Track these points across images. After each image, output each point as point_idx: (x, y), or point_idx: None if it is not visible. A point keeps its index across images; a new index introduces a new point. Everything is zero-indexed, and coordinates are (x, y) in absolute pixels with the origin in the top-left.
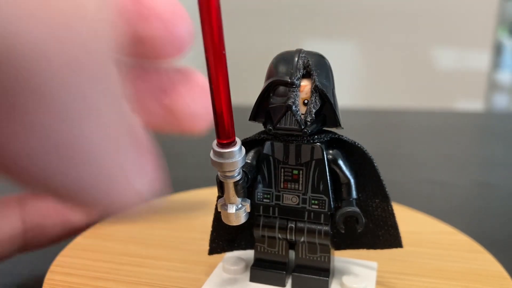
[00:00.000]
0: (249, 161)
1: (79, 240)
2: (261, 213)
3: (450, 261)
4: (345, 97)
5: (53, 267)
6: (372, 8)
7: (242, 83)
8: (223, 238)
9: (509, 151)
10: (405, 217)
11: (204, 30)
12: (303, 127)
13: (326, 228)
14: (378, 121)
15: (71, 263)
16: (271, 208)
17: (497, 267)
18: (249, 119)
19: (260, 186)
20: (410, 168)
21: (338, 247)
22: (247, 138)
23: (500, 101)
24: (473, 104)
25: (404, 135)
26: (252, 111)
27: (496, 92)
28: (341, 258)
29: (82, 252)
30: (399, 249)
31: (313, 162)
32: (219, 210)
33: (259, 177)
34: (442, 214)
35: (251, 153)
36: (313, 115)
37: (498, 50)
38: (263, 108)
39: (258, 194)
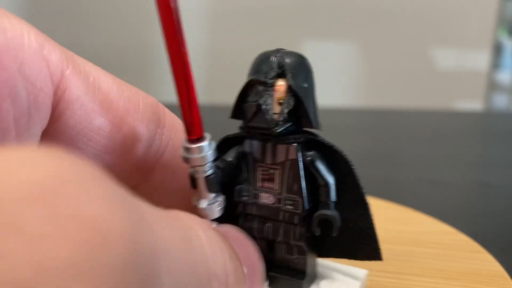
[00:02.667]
0: (229, 159)
1: None
2: (240, 210)
3: (450, 261)
4: (345, 97)
5: None
6: (372, 8)
7: (242, 83)
8: None
9: (509, 151)
10: (405, 217)
11: (163, 29)
12: (272, 126)
13: (301, 229)
14: (378, 121)
15: None
16: (249, 206)
17: (497, 267)
18: (230, 117)
19: (240, 183)
20: (410, 168)
21: (321, 255)
22: (229, 135)
23: (500, 101)
24: (473, 104)
25: (404, 135)
26: (232, 109)
27: (496, 92)
28: (330, 263)
29: None
30: (399, 249)
31: (288, 162)
32: (192, 205)
33: (240, 175)
34: (442, 214)
35: (231, 151)
36: (285, 115)
37: (497, 50)
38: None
39: (237, 191)
